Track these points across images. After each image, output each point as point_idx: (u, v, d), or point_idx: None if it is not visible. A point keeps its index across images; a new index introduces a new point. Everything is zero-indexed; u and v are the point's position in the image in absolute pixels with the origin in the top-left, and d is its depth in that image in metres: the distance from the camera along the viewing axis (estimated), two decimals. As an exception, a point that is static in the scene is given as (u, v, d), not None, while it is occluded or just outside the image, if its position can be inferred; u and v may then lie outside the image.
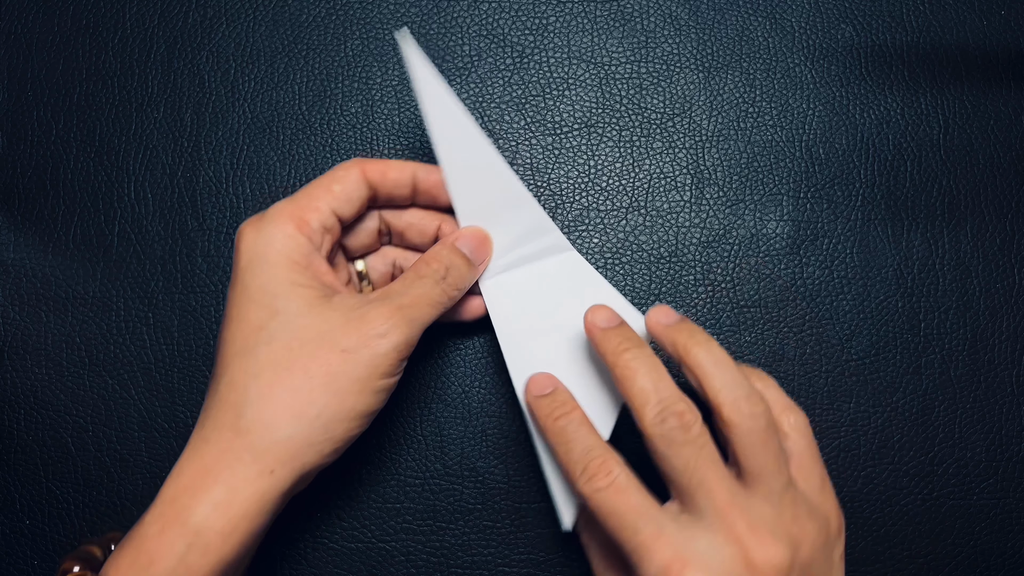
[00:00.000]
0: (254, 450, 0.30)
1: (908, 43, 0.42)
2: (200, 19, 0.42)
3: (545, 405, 0.33)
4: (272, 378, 0.30)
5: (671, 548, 0.28)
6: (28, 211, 0.41)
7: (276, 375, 0.30)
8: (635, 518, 0.29)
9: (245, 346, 0.31)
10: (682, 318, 0.32)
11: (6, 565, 0.38)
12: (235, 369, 0.31)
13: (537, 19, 0.42)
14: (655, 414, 0.30)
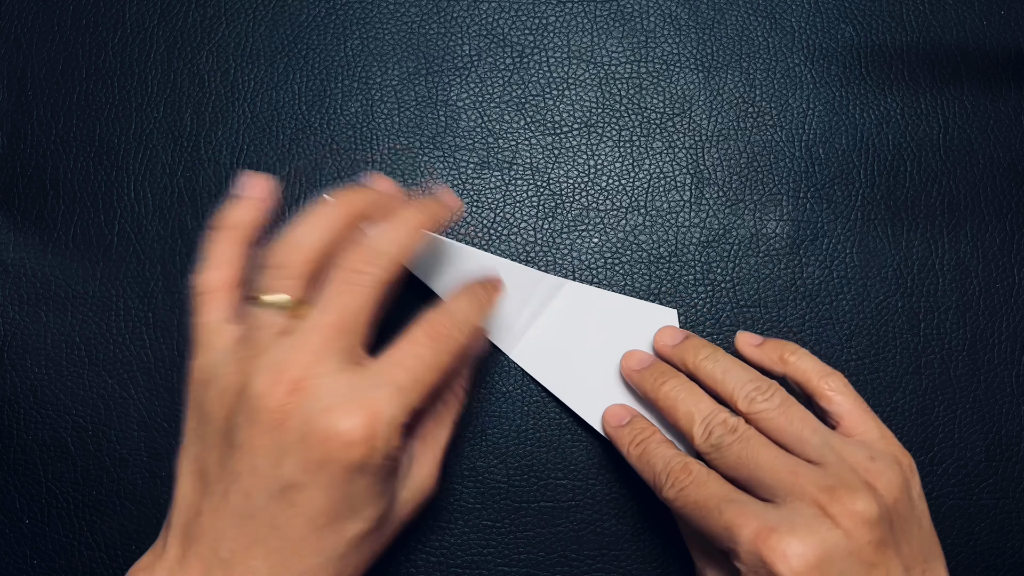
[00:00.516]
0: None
1: (908, 43, 0.42)
2: (200, 19, 0.42)
3: (626, 435, 0.35)
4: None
5: (756, 520, 0.29)
6: (28, 211, 0.41)
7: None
8: (717, 503, 0.30)
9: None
10: (687, 335, 0.36)
11: (6, 565, 0.38)
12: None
13: (537, 19, 0.42)
14: (702, 431, 0.32)
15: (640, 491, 0.39)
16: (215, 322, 0.30)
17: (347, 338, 0.28)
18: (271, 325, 0.28)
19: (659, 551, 0.38)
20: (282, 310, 0.29)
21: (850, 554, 0.28)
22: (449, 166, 0.41)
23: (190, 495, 0.29)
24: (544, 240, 0.40)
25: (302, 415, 0.27)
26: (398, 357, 0.28)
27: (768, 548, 0.28)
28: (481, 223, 0.41)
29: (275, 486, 0.27)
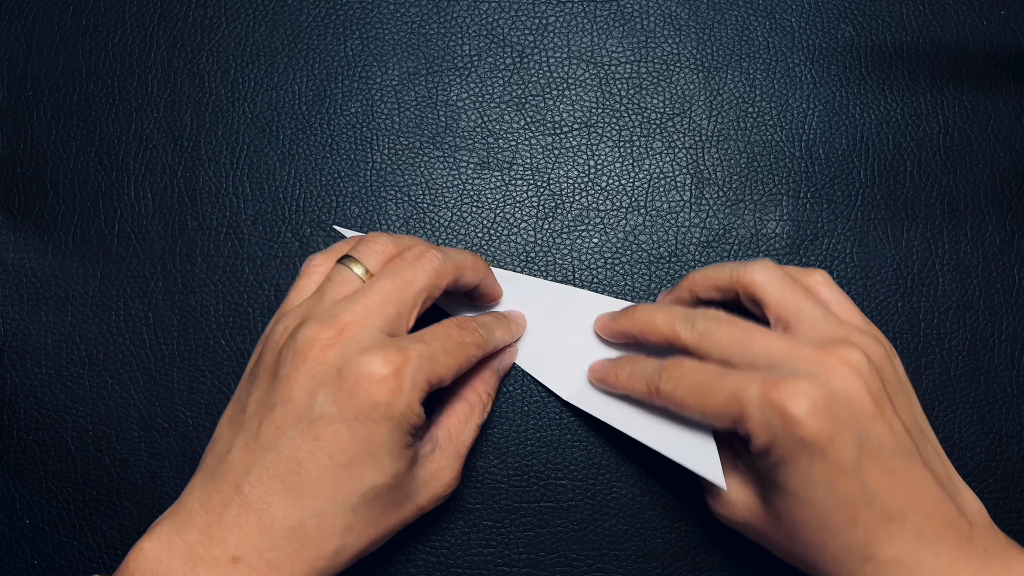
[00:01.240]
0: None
1: (908, 43, 0.42)
2: (200, 19, 0.42)
3: (612, 366, 0.36)
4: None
5: (760, 377, 0.29)
6: (28, 211, 0.41)
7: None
8: (719, 376, 0.31)
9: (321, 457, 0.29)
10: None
11: (6, 565, 0.38)
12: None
13: (537, 19, 0.42)
14: (686, 326, 0.33)
15: (640, 491, 0.39)
16: (307, 286, 0.34)
17: (398, 306, 0.31)
18: (345, 282, 0.32)
19: (659, 551, 0.38)
20: (359, 276, 0.32)
21: (851, 401, 0.29)
22: (449, 166, 0.41)
23: (225, 434, 0.31)
24: (544, 240, 0.40)
25: (341, 352, 0.29)
26: (432, 331, 0.32)
27: (778, 394, 0.29)
28: (481, 223, 0.41)
29: (305, 417, 0.29)
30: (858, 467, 0.29)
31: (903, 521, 0.29)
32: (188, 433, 0.39)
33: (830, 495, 0.29)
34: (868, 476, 0.29)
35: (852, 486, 0.29)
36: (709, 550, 0.38)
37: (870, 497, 0.29)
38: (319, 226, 0.40)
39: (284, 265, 0.40)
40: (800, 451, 0.29)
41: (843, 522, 0.29)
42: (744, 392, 0.29)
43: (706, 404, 0.31)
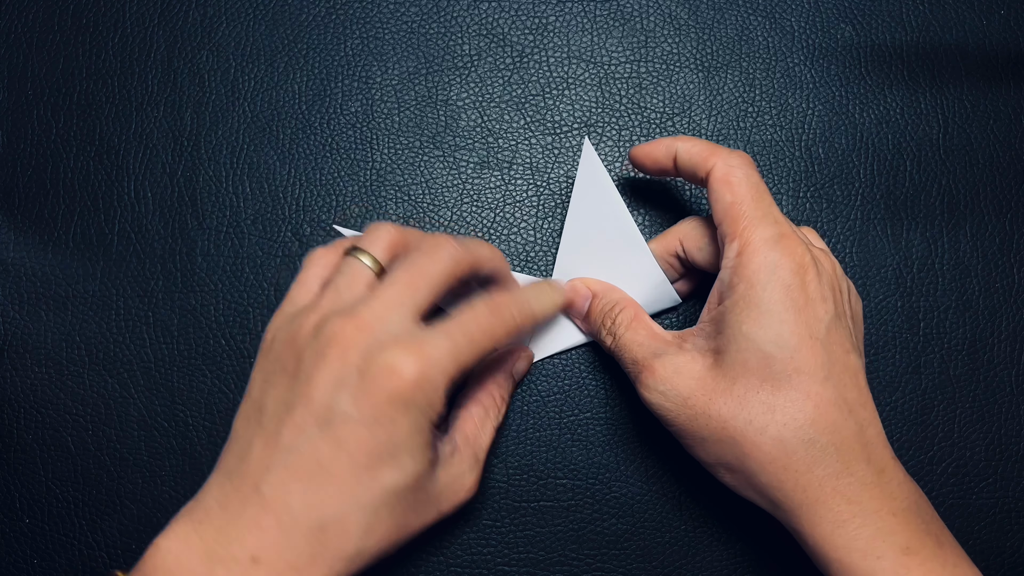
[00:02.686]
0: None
1: (908, 43, 0.42)
2: (200, 18, 0.42)
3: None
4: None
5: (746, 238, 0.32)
6: (28, 211, 0.41)
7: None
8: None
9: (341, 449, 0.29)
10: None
11: (6, 564, 0.38)
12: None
13: (537, 19, 0.42)
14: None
15: (640, 491, 0.39)
16: (309, 279, 0.33)
17: (417, 296, 0.30)
18: (356, 275, 0.32)
19: (659, 551, 0.38)
20: (368, 266, 0.32)
21: (828, 269, 0.32)
22: (449, 166, 0.41)
23: (242, 433, 0.30)
24: (544, 240, 0.40)
25: (363, 350, 0.29)
26: (458, 317, 0.31)
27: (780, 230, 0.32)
28: (481, 223, 0.41)
29: (326, 417, 0.28)
30: (827, 338, 0.31)
31: (849, 415, 0.30)
32: (188, 432, 0.39)
33: (798, 350, 0.30)
34: (831, 353, 0.31)
35: (817, 353, 0.31)
36: (709, 550, 0.38)
37: (827, 374, 0.30)
38: (319, 226, 0.40)
39: (284, 264, 0.40)
40: (787, 292, 0.31)
41: (799, 389, 0.30)
42: (763, 224, 0.32)
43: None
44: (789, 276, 0.31)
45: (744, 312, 0.31)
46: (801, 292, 0.31)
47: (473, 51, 0.42)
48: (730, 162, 0.33)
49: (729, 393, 0.31)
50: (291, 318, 0.31)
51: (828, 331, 0.31)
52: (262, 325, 0.40)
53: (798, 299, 0.30)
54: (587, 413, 0.39)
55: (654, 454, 0.39)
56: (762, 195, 0.32)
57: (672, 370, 0.32)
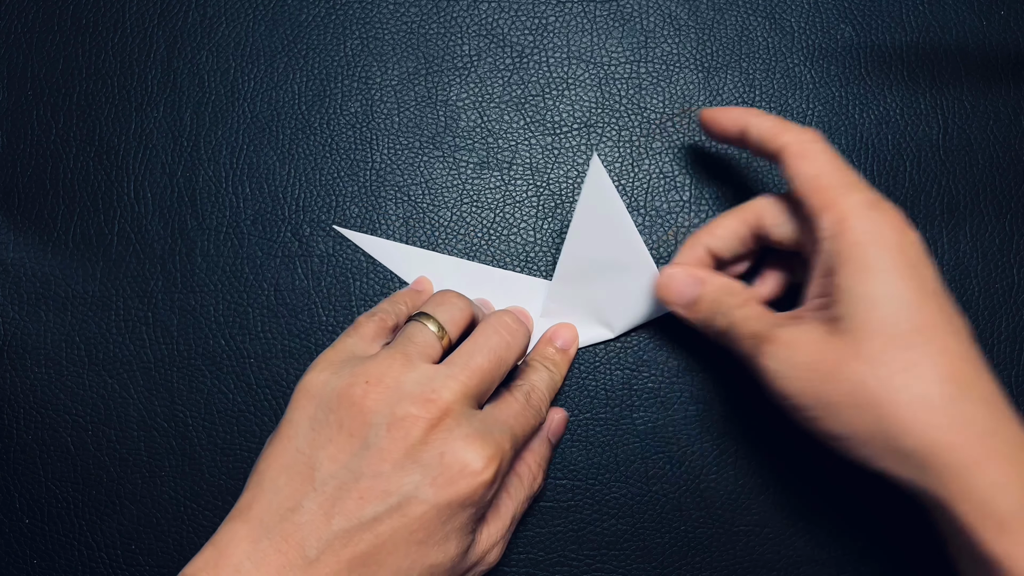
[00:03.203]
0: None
1: (908, 43, 0.42)
2: (200, 18, 0.42)
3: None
4: None
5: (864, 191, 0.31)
6: (28, 211, 0.41)
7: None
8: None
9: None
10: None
11: (6, 564, 0.38)
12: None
13: (537, 19, 0.42)
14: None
15: (640, 491, 0.39)
16: (362, 338, 0.34)
17: (487, 384, 0.32)
18: (424, 344, 0.32)
19: (659, 551, 0.38)
20: (437, 337, 0.33)
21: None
22: (449, 166, 0.41)
23: (285, 489, 0.29)
24: (544, 240, 0.40)
25: (444, 438, 0.29)
26: (509, 412, 0.32)
27: (882, 206, 0.30)
28: (481, 223, 0.41)
29: (397, 494, 0.28)
30: (942, 295, 0.30)
31: (982, 372, 0.29)
32: (188, 433, 0.39)
33: (922, 306, 0.29)
34: (950, 310, 0.29)
35: (942, 307, 0.29)
36: (709, 550, 0.38)
37: (957, 329, 0.29)
38: (319, 226, 0.40)
39: (284, 265, 0.40)
40: (897, 254, 0.29)
41: (935, 343, 0.28)
42: (854, 193, 0.31)
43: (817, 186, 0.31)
44: (895, 237, 0.30)
45: (859, 275, 0.29)
46: (910, 253, 0.30)
47: (473, 51, 0.42)
48: (803, 137, 0.32)
49: (859, 355, 0.29)
50: (347, 368, 0.31)
51: (941, 292, 0.30)
52: (262, 325, 0.40)
53: (909, 259, 0.29)
54: (587, 413, 0.39)
55: (655, 455, 0.39)
56: (844, 165, 0.32)
57: (796, 337, 0.30)
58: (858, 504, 0.39)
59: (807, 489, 0.38)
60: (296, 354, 0.39)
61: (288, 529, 0.28)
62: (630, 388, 0.39)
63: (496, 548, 0.33)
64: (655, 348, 0.40)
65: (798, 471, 0.39)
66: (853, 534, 0.38)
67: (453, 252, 0.40)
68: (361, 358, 0.32)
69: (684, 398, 0.39)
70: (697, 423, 0.39)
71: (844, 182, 0.31)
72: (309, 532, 0.28)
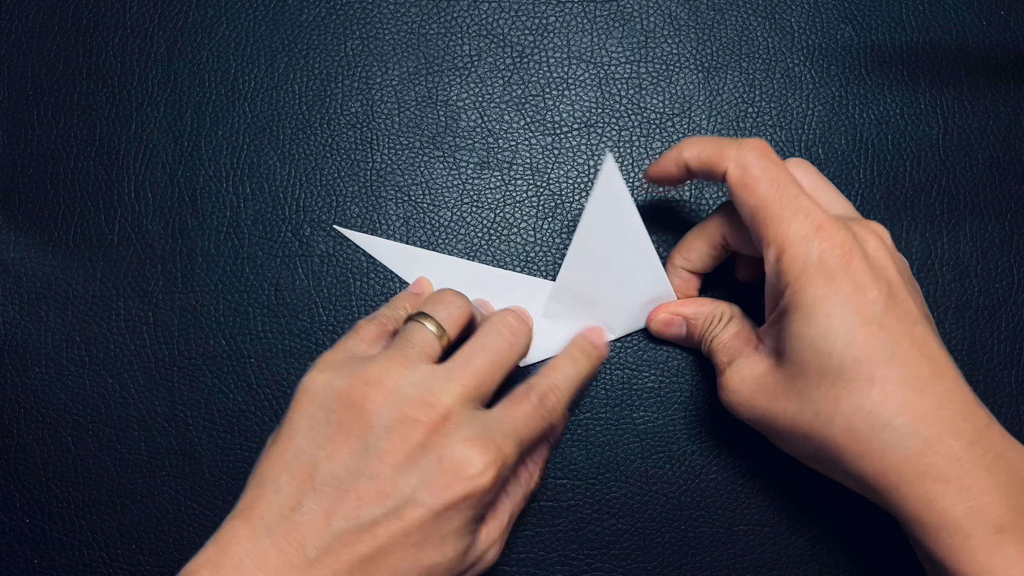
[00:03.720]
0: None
1: (908, 43, 0.42)
2: (200, 18, 0.42)
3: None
4: None
5: (812, 213, 0.31)
6: (28, 211, 0.41)
7: None
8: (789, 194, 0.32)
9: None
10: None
11: (6, 564, 0.38)
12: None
13: (537, 19, 0.42)
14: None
15: (640, 491, 0.39)
16: (362, 340, 0.34)
17: (489, 385, 0.32)
18: (423, 345, 0.32)
19: (659, 551, 0.38)
20: (436, 336, 0.33)
21: (882, 264, 0.31)
22: (449, 166, 0.41)
23: (286, 488, 0.29)
24: (544, 240, 0.40)
25: (443, 442, 0.29)
26: (518, 414, 0.31)
27: (827, 232, 0.30)
28: (481, 223, 0.41)
29: (395, 496, 0.29)
30: (883, 319, 0.29)
31: (923, 390, 0.29)
32: (188, 432, 0.39)
33: (852, 339, 0.29)
34: (891, 332, 0.29)
35: (874, 336, 0.29)
36: (709, 550, 0.38)
37: (890, 355, 0.29)
38: (319, 226, 0.40)
39: (284, 265, 0.40)
40: (832, 284, 0.29)
41: (860, 376, 0.29)
42: (795, 220, 0.30)
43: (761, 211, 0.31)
44: (833, 266, 0.30)
45: (792, 314, 0.30)
46: (847, 280, 0.29)
47: (473, 51, 0.42)
48: (742, 160, 0.32)
49: (790, 391, 0.31)
50: (348, 369, 0.31)
51: (884, 311, 0.30)
52: (262, 325, 0.40)
53: (844, 289, 0.29)
54: (587, 413, 0.39)
55: (654, 455, 0.39)
56: (784, 189, 0.31)
57: (739, 376, 0.33)
58: (858, 504, 0.39)
59: (807, 489, 0.38)
60: (296, 354, 0.39)
61: (288, 528, 0.28)
62: (630, 388, 0.39)
63: (494, 547, 0.33)
64: (655, 348, 0.40)
65: (798, 471, 0.39)
66: (853, 534, 0.38)
67: (453, 252, 0.40)
68: (362, 359, 0.32)
69: (684, 398, 0.39)
70: (697, 423, 0.39)
71: (784, 212, 0.31)
72: (309, 532, 0.28)
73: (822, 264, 0.30)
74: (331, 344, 0.35)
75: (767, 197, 0.31)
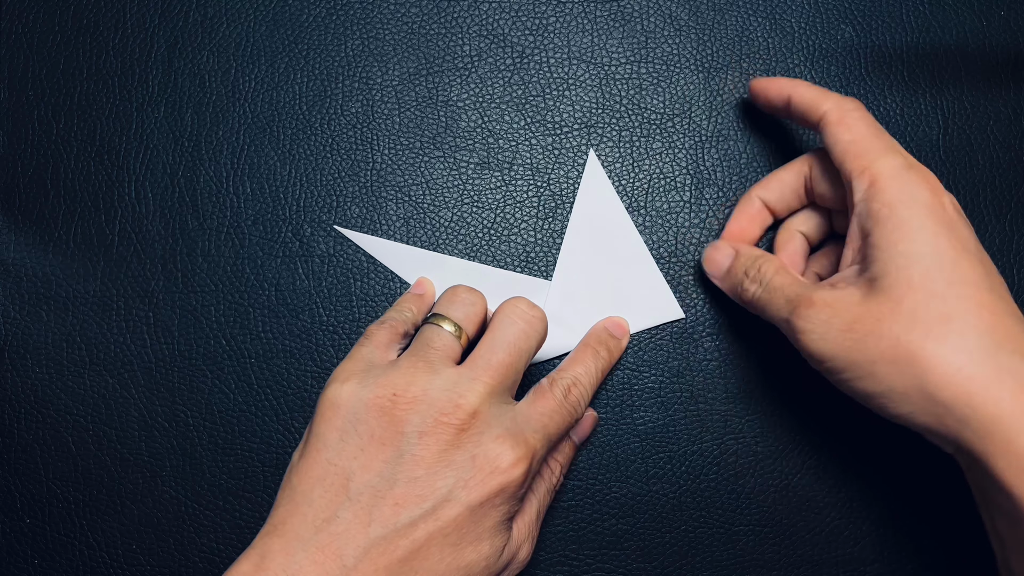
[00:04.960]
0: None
1: (908, 43, 0.42)
2: (201, 19, 0.42)
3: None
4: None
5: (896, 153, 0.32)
6: (29, 211, 0.41)
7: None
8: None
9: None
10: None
11: (6, 564, 0.38)
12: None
13: (537, 19, 0.42)
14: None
15: (640, 491, 0.39)
16: (376, 346, 0.34)
17: (513, 377, 0.32)
18: (444, 348, 0.32)
19: (659, 551, 0.38)
20: (455, 337, 0.33)
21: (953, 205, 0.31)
22: (449, 166, 0.41)
23: (319, 501, 0.29)
24: (544, 240, 0.40)
25: (475, 440, 0.30)
26: (544, 409, 0.32)
27: (911, 164, 0.31)
28: (481, 223, 0.41)
29: (432, 498, 0.29)
30: (979, 255, 0.29)
31: (992, 290, 0.29)
32: (188, 433, 0.39)
33: (959, 261, 0.29)
34: (988, 268, 0.29)
35: (976, 266, 0.29)
36: (709, 550, 0.38)
37: (991, 286, 0.29)
38: (319, 226, 0.40)
39: (285, 265, 0.40)
40: (931, 213, 0.30)
41: (970, 298, 0.28)
42: (888, 155, 0.31)
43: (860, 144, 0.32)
44: (929, 197, 0.30)
45: (893, 233, 0.30)
46: (944, 212, 0.30)
47: (473, 52, 0.42)
48: (844, 106, 0.33)
49: (898, 311, 0.29)
50: (371, 378, 0.31)
51: (979, 249, 0.30)
52: (263, 325, 0.40)
53: (943, 217, 0.30)
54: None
55: (654, 455, 0.39)
56: (881, 131, 0.32)
57: (832, 299, 0.31)
58: (858, 504, 0.39)
59: (807, 489, 0.39)
60: (297, 354, 0.39)
61: (324, 540, 0.28)
62: (630, 388, 0.39)
63: (526, 544, 0.33)
64: (655, 348, 0.40)
65: (798, 471, 0.39)
66: (853, 534, 0.38)
67: (454, 252, 0.40)
68: (382, 367, 0.32)
69: (684, 398, 0.39)
70: (697, 423, 0.39)
71: (879, 147, 0.31)
72: (346, 541, 0.28)
73: (920, 194, 0.30)
74: (332, 344, 0.35)
75: (864, 133, 0.32)
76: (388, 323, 0.35)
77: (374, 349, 0.34)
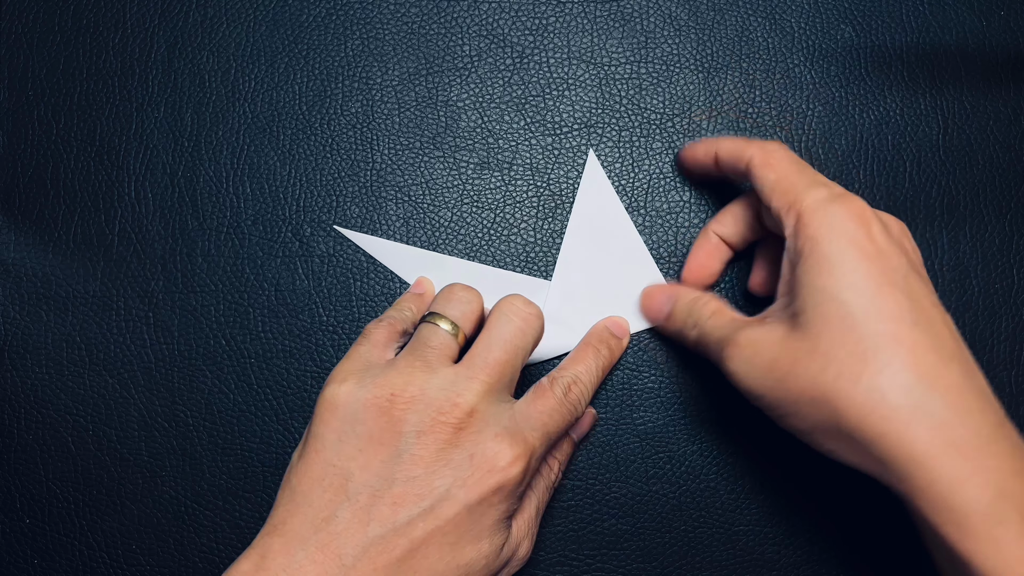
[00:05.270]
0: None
1: (907, 43, 0.42)
2: (201, 19, 0.42)
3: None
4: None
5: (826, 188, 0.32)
6: (28, 211, 0.41)
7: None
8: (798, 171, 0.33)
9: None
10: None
11: (6, 564, 0.38)
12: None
13: (537, 19, 0.42)
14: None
15: (640, 491, 0.39)
16: (374, 345, 0.34)
17: (510, 374, 0.32)
18: (441, 347, 0.32)
19: (659, 551, 0.38)
20: (452, 335, 0.33)
21: (899, 235, 0.32)
22: (449, 166, 0.41)
23: (318, 501, 0.29)
24: (544, 240, 0.40)
25: (474, 439, 0.30)
26: (544, 407, 0.32)
27: (846, 200, 0.31)
28: (481, 223, 0.41)
29: (429, 497, 0.29)
30: (907, 285, 0.29)
31: (950, 361, 0.28)
32: (188, 433, 0.39)
33: (877, 296, 0.28)
34: (916, 299, 0.29)
35: (900, 299, 0.28)
36: (709, 550, 0.38)
37: (915, 320, 0.28)
38: (319, 226, 0.40)
39: (285, 265, 0.40)
40: (854, 244, 0.29)
41: (887, 334, 0.28)
42: (813, 189, 0.31)
43: (781, 180, 0.32)
44: (853, 228, 0.30)
45: (814, 268, 0.29)
46: (869, 242, 0.29)
47: (473, 52, 0.42)
48: (767, 147, 0.34)
49: (814, 351, 0.29)
50: (369, 378, 0.31)
51: (907, 280, 0.29)
52: (263, 325, 0.40)
53: (867, 248, 0.29)
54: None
55: (654, 455, 0.39)
56: (804, 167, 0.33)
57: (754, 339, 0.31)
58: (858, 504, 0.39)
59: (807, 489, 0.39)
60: (297, 354, 0.39)
61: (324, 539, 0.28)
62: (630, 388, 0.39)
63: (525, 542, 0.33)
64: (655, 348, 0.40)
65: (798, 471, 0.39)
66: (853, 534, 0.38)
67: (453, 252, 0.40)
68: (380, 366, 0.32)
69: (684, 398, 0.39)
70: (698, 423, 0.39)
71: (803, 182, 0.32)
72: (345, 540, 0.28)
73: (843, 226, 0.30)
74: (331, 344, 0.35)
75: (787, 171, 0.32)
76: (387, 321, 0.35)
77: (372, 348, 0.34)
